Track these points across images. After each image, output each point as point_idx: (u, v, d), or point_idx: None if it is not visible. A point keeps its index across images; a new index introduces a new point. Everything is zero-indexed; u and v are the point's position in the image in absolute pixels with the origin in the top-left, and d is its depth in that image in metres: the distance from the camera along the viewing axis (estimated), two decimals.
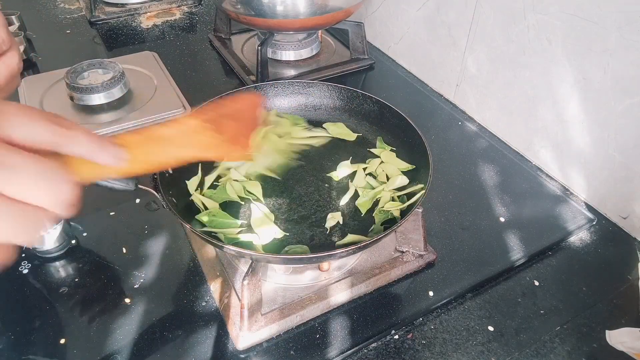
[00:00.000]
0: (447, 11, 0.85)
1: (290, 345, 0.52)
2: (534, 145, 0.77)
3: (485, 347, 0.53)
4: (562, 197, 0.71)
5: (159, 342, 0.52)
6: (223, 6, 0.92)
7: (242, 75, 0.95)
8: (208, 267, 0.59)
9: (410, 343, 0.53)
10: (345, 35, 1.05)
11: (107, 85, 0.85)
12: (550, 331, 0.54)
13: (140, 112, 0.85)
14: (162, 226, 0.65)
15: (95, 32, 1.14)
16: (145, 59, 1.00)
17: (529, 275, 0.61)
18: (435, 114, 0.89)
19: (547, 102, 0.72)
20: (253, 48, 1.05)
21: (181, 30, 1.16)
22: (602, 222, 0.68)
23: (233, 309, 0.54)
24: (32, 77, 0.93)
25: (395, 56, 1.04)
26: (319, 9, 0.87)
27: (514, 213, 0.68)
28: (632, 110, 0.61)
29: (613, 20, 0.59)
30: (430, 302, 0.57)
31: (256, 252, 0.54)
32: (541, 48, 0.70)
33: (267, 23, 0.89)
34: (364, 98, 0.72)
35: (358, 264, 0.60)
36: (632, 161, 0.63)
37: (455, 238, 0.64)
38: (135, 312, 0.54)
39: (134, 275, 0.58)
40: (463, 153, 0.79)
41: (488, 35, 0.78)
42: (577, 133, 0.69)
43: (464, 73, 0.86)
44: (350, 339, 0.53)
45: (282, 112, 0.76)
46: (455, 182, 0.73)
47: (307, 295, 0.56)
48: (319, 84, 0.75)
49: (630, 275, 0.61)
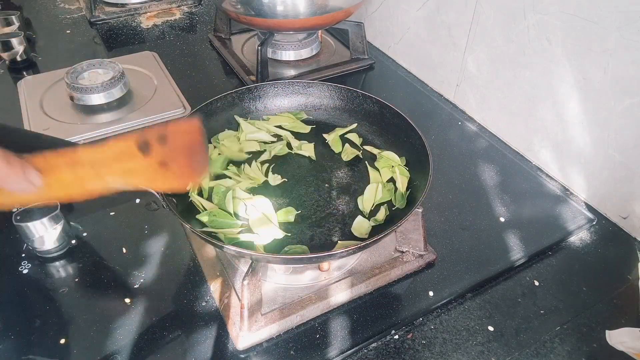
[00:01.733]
0: (447, 11, 0.85)
1: (290, 345, 0.52)
2: (534, 145, 0.77)
3: (485, 347, 0.53)
4: (562, 197, 0.71)
5: (159, 342, 0.52)
6: (223, 6, 0.92)
7: (242, 75, 0.95)
8: (208, 267, 0.59)
9: (410, 343, 0.53)
10: (345, 35, 1.05)
11: (107, 85, 0.85)
12: (550, 331, 0.54)
13: (140, 112, 0.85)
14: (162, 226, 0.65)
15: (95, 32, 1.14)
16: (145, 59, 1.00)
17: (529, 275, 0.61)
18: (435, 114, 0.89)
19: (547, 102, 0.72)
20: (253, 48, 1.05)
21: (181, 30, 1.16)
22: (602, 222, 0.68)
23: (233, 309, 0.54)
24: (32, 77, 0.93)
25: (395, 56, 1.04)
26: (319, 9, 0.87)
27: (514, 213, 0.68)
28: (632, 110, 0.61)
29: (613, 20, 0.59)
30: (430, 302, 0.57)
31: (256, 252, 0.54)
32: (541, 48, 0.70)
33: (267, 23, 0.89)
34: (364, 98, 0.72)
35: (358, 264, 0.60)
36: (632, 161, 0.63)
37: (455, 238, 0.64)
38: (135, 312, 0.54)
39: (134, 275, 0.58)
40: (463, 153, 0.79)
41: (488, 35, 0.78)
42: (577, 133, 0.69)
43: (464, 73, 0.86)
44: (350, 339, 0.53)
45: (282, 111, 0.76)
46: (455, 182, 0.73)
47: (307, 295, 0.56)
48: (319, 84, 0.75)
49: (630, 275, 0.61)
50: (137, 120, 0.83)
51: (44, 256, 0.60)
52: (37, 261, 0.60)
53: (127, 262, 0.60)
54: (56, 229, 0.58)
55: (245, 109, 0.74)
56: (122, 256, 0.61)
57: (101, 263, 0.60)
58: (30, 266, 0.59)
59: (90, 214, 0.66)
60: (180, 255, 0.61)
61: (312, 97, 0.76)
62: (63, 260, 0.60)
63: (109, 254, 0.61)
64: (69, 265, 0.60)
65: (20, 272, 0.58)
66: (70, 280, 0.58)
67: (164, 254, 0.61)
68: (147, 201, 0.68)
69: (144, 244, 0.62)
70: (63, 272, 0.59)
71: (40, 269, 0.59)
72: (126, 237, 0.63)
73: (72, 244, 0.61)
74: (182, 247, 0.62)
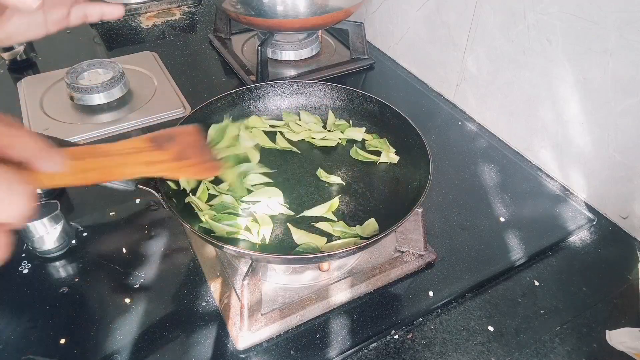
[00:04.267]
0: (447, 11, 0.85)
1: (290, 345, 0.52)
2: (534, 145, 0.77)
3: (485, 347, 0.53)
4: (562, 197, 0.71)
5: (159, 342, 0.52)
6: (223, 6, 0.92)
7: (242, 75, 0.95)
8: (208, 267, 0.59)
9: (410, 343, 0.53)
10: (345, 35, 1.05)
11: (107, 85, 0.85)
12: (550, 331, 0.54)
13: (140, 112, 0.85)
14: (162, 226, 0.65)
15: (95, 32, 1.14)
16: (145, 59, 1.00)
17: (529, 275, 0.61)
18: (435, 114, 0.89)
19: (547, 102, 0.72)
20: (253, 48, 1.05)
21: (181, 30, 1.16)
22: (602, 222, 0.68)
23: (233, 309, 0.54)
24: (32, 77, 0.93)
25: (395, 56, 1.04)
26: (319, 9, 0.87)
27: (514, 213, 0.68)
28: (632, 110, 0.61)
29: (613, 20, 0.59)
30: (430, 302, 0.57)
31: (256, 252, 0.54)
32: (541, 48, 0.70)
33: (267, 23, 0.89)
34: (364, 98, 0.72)
35: (358, 264, 0.60)
36: (632, 161, 0.63)
37: (455, 238, 0.64)
38: (135, 312, 0.54)
39: (134, 275, 0.58)
40: (463, 153, 0.79)
41: (488, 35, 0.78)
42: (577, 133, 0.69)
43: (464, 73, 0.86)
44: (350, 339, 0.53)
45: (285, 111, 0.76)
46: (455, 182, 0.73)
47: (307, 295, 0.56)
48: (319, 84, 0.75)
49: (630, 275, 0.61)
50: (137, 120, 0.83)
51: (44, 256, 0.60)
52: (37, 261, 0.60)
53: (127, 262, 0.60)
54: (56, 229, 0.58)
55: (245, 109, 0.74)
56: (122, 256, 0.61)
57: (101, 263, 0.60)
58: (30, 266, 0.59)
59: (90, 214, 0.66)
60: (180, 255, 0.61)
61: (312, 97, 0.76)
62: (63, 260, 0.60)
63: (109, 254, 0.61)
64: (69, 265, 0.60)
65: (20, 272, 0.58)
66: (70, 280, 0.58)
67: (164, 254, 0.61)
68: (147, 201, 0.68)
69: (144, 244, 0.62)
70: (63, 272, 0.59)
71: (40, 269, 0.59)
72: (126, 237, 0.63)
73: (72, 244, 0.61)
74: (182, 247, 0.62)
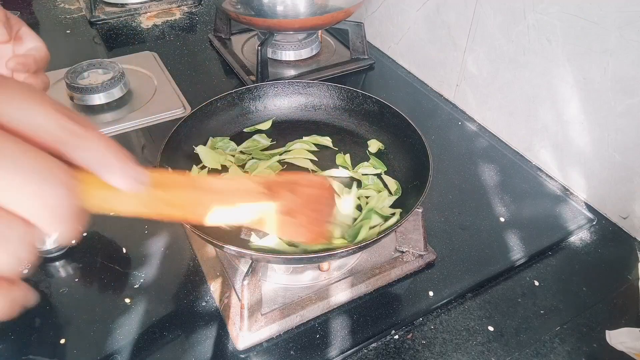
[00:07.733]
0: (447, 11, 0.85)
1: (290, 345, 0.52)
2: (534, 145, 0.77)
3: (485, 347, 0.53)
4: (562, 197, 0.71)
5: (159, 342, 0.52)
6: (223, 6, 0.92)
7: (242, 75, 0.95)
8: (208, 267, 0.59)
9: (410, 343, 0.53)
10: (345, 35, 1.05)
11: (107, 85, 0.85)
12: (550, 331, 0.54)
13: (140, 112, 0.85)
14: (162, 226, 0.65)
15: (95, 32, 1.14)
16: (145, 59, 1.00)
17: (529, 275, 0.61)
18: (435, 114, 0.89)
19: (547, 102, 0.72)
20: (253, 48, 1.05)
21: (181, 30, 1.16)
22: (602, 222, 0.68)
23: (233, 309, 0.54)
24: None
25: (395, 56, 1.04)
26: (319, 9, 0.87)
27: (514, 213, 0.68)
28: (632, 110, 0.61)
29: (613, 20, 0.59)
30: (430, 302, 0.57)
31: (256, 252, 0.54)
32: (541, 48, 0.70)
33: (267, 23, 0.89)
34: (364, 98, 0.72)
35: (358, 264, 0.60)
36: (632, 161, 0.63)
37: (455, 238, 0.64)
38: (135, 312, 0.54)
39: (134, 275, 0.58)
40: (463, 153, 0.79)
41: (488, 35, 0.78)
42: (577, 133, 0.69)
43: (464, 73, 0.86)
44: (350, 339, 0.53)
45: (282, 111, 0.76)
46: (455, 182, 0.73)
47: (307, 295, 0.56)
48: (319, 84, 0.75)
49: (630, 275, 0.61)
50: (138, 121, 0.83)
51: (44, 256, 0.60)
52: (36, 261, 0.60)
53: (127, 262, 0.60)
54: None
55: (245, 109, 0.74)
56: (122, 256, 0.61)
57: (101, 263, 0.60)
58: (30, 266, 0.59)
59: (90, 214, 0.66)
60: (180, 255, 0.61)
61: (312, 97, 0.76)
62: (63, 260, 0.60)
63: (109, 254, 0.61)
64: (69, 265, 0.60)
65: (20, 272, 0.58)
66: (70, 280, 0.58)
67: (164, 254, 0.61)
68: None
69: (144, 244, 0.62)
70: (63, 272, 0.59)
71: (40, 269, 0.59)
72: (126, 237, 0.63)
73: (72, 244, 0.61)
74: (182, 247, 0.62)
